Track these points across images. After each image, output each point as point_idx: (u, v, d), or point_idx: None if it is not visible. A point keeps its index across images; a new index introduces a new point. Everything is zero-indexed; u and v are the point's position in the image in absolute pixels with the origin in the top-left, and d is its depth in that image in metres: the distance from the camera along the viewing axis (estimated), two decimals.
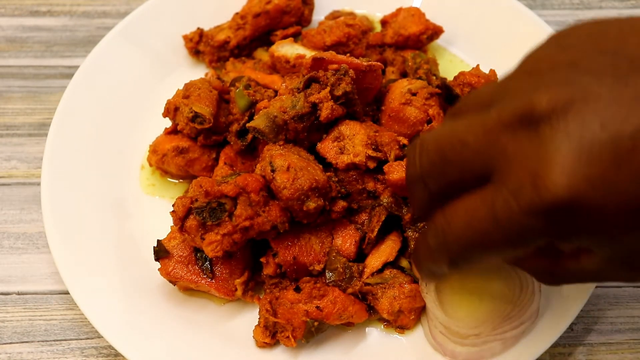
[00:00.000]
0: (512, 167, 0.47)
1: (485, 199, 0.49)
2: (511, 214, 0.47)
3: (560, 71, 0.49)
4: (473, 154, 0.51)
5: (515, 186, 0.47)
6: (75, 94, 0.94)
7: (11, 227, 0.93)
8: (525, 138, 0.47)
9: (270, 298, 0.77)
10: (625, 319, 0.84)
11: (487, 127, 0.50)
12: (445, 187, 0.53)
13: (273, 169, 0.74)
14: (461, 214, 0.51)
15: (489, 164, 0.49)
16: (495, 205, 0.48)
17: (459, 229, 0.52)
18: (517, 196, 0.47)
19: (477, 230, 0.50)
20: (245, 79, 0.90)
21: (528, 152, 0.47)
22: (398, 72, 0.96)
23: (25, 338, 0.84)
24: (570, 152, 0.45)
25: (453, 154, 0.52)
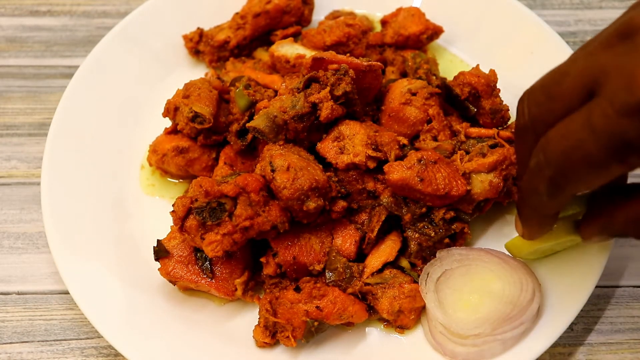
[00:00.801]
0: (610, 77, 0.48)
1: (583, 112, 0.50)
2: (606, 119, 0.48)
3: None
4: (576, 80, 0.52)
5: (610, 93, 0.48)
6: (75, 93, 0.94)
7: (11, 227, 0.93)
8: (623, 49, 0.48)
9: (270, 298, 0.77)
10: (625, 318, 0.84)
11: (586, 53, 0.51)
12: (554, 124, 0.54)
13: (273, 168, 0.74)
14: (560, 130, 0.52)
15: (590, 84, 0.50)
16: (591, 115, 0.49)
17: (558, 143, 0.52)
18: (612, 101, 0.47)
19: (575, 141, 0.50)
20: (245, 79, 0.90)
21: (625, 61, 0.48)
22: (398, 72, 0.96)
23: (25, 338, 0.84)
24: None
25: (557, 88, 0.53)
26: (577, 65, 0.52)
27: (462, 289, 0.76)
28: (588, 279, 0.77)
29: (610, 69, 0.49)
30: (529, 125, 0.56)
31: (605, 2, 1.16)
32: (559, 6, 1.16)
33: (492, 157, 0.78)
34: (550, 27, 0.98)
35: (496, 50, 1.00)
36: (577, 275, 0.78)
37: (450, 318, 0.74)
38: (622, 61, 0.48)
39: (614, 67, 0.48)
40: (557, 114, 0.53)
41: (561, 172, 0.53)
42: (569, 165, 0.52)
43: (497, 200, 0.82)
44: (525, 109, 0.57)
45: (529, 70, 0.96)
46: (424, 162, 0.76)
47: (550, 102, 0.54)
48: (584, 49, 0.53)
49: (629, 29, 0.49)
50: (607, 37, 0.50)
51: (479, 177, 0.78)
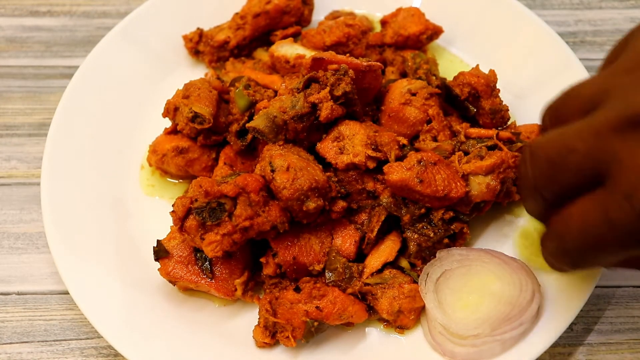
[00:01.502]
0: (624, 170, 0.48)
1: (599, 203, 0.50)
2: (625, 217, 0.48)
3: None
4: (583, 159, 0.51)
5: (628, 189, 0.47)
6: (75, 94, 0.94)
7: (11, 227, 0.93)
8: (634, 139, 0.48)
9: (270, 298, 0.77)
10: (625, 319, 0.85)
11: (595, 132, 0.50)
12: (559, 193, 0.54)
13: (273, 169, 0.74)
14: (576, 220, 0.52)
15: (600, 168, 0.50)
16: (609, 209, 0.49)
17: (576, 234, 0.53)
18: (631, 199, 0.47)
19: (593, 235, 0.51)
20: (245, 79, 0.90)
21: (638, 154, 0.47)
22: (398, 72, 0.96)
23: (25, 338, 0.84)
24: None
25: (563, 162, 0.53)
26: (585, 144, 0.51)
27: (461, 289, 0.76)
28: (588, 279, 0.77)
29: (624, 161, 0.48)
30: (534, 189, 0.57)
31: (605, 2, 1.16)
32: (559, 6, 1.16)
33: (489, 160, 0.78)
34: (550, 27, 0.98)
35: (496, 50, 1.00)
36: (577, 275, 0.78)
37: (450, 318, 0.74)
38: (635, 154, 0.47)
39: (628, 159, 0.48)
40: (564, 187, 0.54)
41: (582, 259, 0.54)
42: (589, 253, 0.53)
43: (496, 201, 0.82)
44: (529, 172, 0.56)
45: (529, 70, 0.96)
46: (423, 164, 0.76)
47: (554, 173, 0.54)
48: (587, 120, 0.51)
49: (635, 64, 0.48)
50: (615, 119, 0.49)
51: (477, 179, 0.78)
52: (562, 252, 0.55)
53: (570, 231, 0.53)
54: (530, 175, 0.56)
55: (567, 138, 0.52)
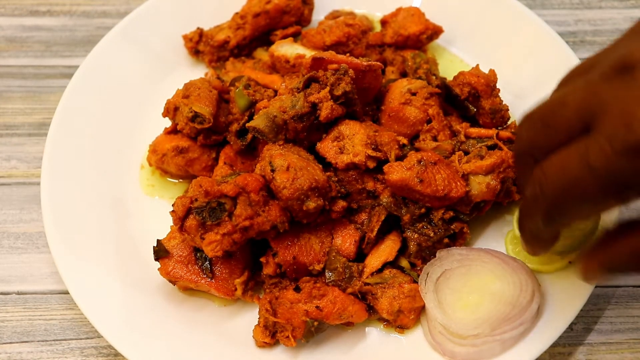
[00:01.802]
0: (608, 113, 0.48)
1: (580, 147, 0.50)
2: (605, 157, 0.47)
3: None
4: (573, 111, 0.51)
5: (609, 130, 0.47)
6: (75, 93, 0.94)
7: (11, 226, 0.93)
8: (621, 84, 0.48)
9: (270, 298, 0.77)
10: (625, 318, 0.84)
11: (586, 84, 0.50)
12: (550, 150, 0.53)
13: (273, 168, 0.74)
14: (556, 164, 0.52)
15: (587, 117, 0.50)
16: (589, 151, 0.48)
17: (554, 177, 0.52)
18: (611, 139, 0.47)
19: (571, 178, 0.50)
20: (245, 79, 0.90)
21: (623, 96, 0.47)
22: (398, 72, 0.96)
23: (25, 338, 0.84)
24: None
25: (555, 117, 0.52)
26: (575, 96, 0.51)
27: (461, 289, 0.76)
28: None
29: (609, 104, 0.48)
30: (527, 150, 0.56)
31: (605, 1, 1.16)
32: (559, 6, 1.16)
33: (489, 160, 0.78)
34: (550, 27, 0.98)
35: (496, 50, 1.00)
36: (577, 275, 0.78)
37: (450, 318, 0.74)
38: (621, 97, 0.47)
39: (613, 103, 0.48)
40: (553, 142, 0.53)
41: (557, 206, 0.53)
42: (566, 200, 0.52)
43: (496, 200, 0.82)
44: (524, 133, 0.56)
45: (529, 70, 0.96)
46: (423, 163, 0.76)
47: (547, 129, 0.53)
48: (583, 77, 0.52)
49: (628, 63, 0.48)
50: (606, 69, 0.49)
51: (477, 179, 0.78)
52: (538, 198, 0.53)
53: (549, 175, 0.52)
54: (525, 137, 0.56)
55: (560, 94, 0.53)
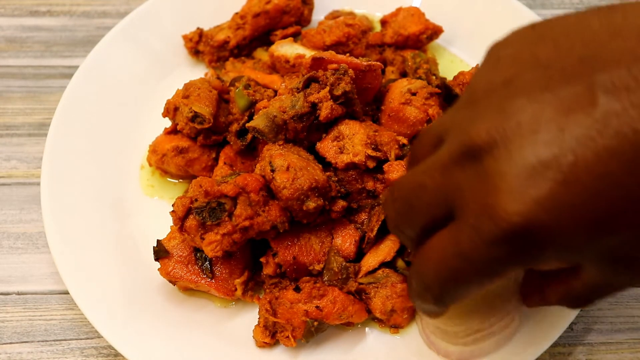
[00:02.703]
0: (468, 202, 0.48)
1: (451, 237, 0.50)
2: (476, 247, 0.47)
3: (495, 95, 0.49)
4: (433, 196, 0.51)
5: (473, 220, 0.47)
6: (75, 94, 0.94)
7: (11, 227, 0.93)
8: (473, 172, 0.48)
9: (270, 298, 0.77)
10: (625, 318, 0.85)
11: (439, 167, 0.50)
12: (419, 231, 0.54)
13: (273, 168, 0.74)
14: (432, 255, 0.52)
15: (449, 203, 0.50)
16: (460, 241, 0.49)
17: (433, 269, 0.52)
18: (478, 229, 0.47)
19: (449, 268, 0.50)
20: (244, 79, 0.90)
21: (478, 185, 0.47)
22: (398, 71, 0.96)
23: (25, 338, 0.84)
24: (514, 178, 0.45)
25: (416, 200, 0.53)
26: (434, 180, 0.51)
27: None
28: None
29: (466, 192, 0.48)
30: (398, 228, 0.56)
31: (604, 2, 1.16)
32: (559, 6, 1.16)
33: None
34: None
35: None
36: None
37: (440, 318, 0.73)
38: (477, 186, 0.47)
39: (469, 191, 0.48)
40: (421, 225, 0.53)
41: (445, 294, 0.53)
42: (453, 289, 0.52)
43: None
44: (391, 213, 0.56)
45: None
46: None
47: (411, 212, 0.54)
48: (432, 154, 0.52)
49: (473, 149, 0.47)
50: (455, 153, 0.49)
51: None
52: (424, 289, 0.54)
53: (428, 268, 0.53)
54: (392, 215, 0.56)
55: (418, 175, 0.52)
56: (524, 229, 0.45)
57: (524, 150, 0.45)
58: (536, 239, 0.45)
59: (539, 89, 0.47)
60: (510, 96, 0.48)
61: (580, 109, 0.45)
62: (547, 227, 0.45)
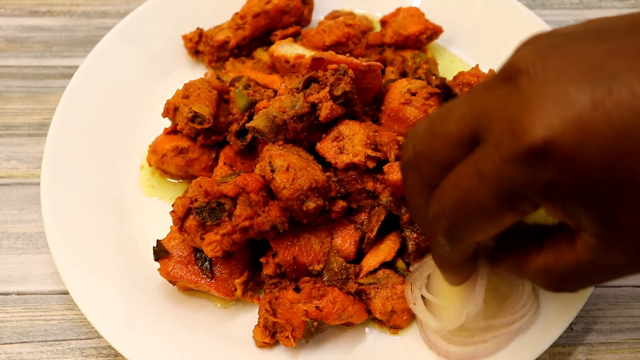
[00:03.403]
0: (494, 122, 0.48)
1: (471, 160, 0.49)
2: (494, 166, 0.47)
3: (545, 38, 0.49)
4: (458, 120, 0.51)
5: (496, 139, 0.47)
6: (75, 94, 0.94)
7: (11, 227, 0.93)
8: (505, 92, 0.48)
9: (270, 298, 0.77)
10: (625, 318, 0.85)
11: (471, 93, 0.51)
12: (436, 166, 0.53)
13: (272, 169, 0.74)
14: (452, 179, 0.51)
15: (475, 127, 0.49)
16: (479, 162, 0.48)
17: (449, 193, 0.51)
18: (499, 147, 0.47)
19: (465, 190, 0.50)
20: (244, 79, 0.90)
21: (507, 103, 0.47)
22: (397, 72, 0.96)
23: (25, 338, 0.84)
24: (546, 97, 0.45)
25: (441, 125, 0.52)
26: (462, 107, 0.51)
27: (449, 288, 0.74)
28: None
29: (493, 113, 0.48)
30: (413, 162, 0.55)
31: (605, 2, 1.16)
32: (559, 6, 1.16)
33: None
34: (550, 27, 0.98)
35: (496, 50, 0.99)
36: None
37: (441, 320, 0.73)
38: (505, 106, 0.47)
39: (497, 112, 0.47)
40: (441, 152, 0.52)
41: (455, 223, 0.52)
42: (462, 215, 0.51)
43: None
44: (410, 144, 0.55)
45: None
46: None
47: (434, 139, 0.52)
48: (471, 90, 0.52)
49: (510, 71, 0.48)
50: (490, 80, 0.49)
51: None
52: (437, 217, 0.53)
53: (445, 191, 0.52)
54: (411, 148, 0.54)
55: (448, 104, 0.52)
56: (545, 147, 0.44)
57: (561, 75, 0.45)
58: (555, 160, 0.45)
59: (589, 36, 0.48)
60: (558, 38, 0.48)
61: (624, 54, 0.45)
62: (569, 149, 0.44)
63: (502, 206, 0.49)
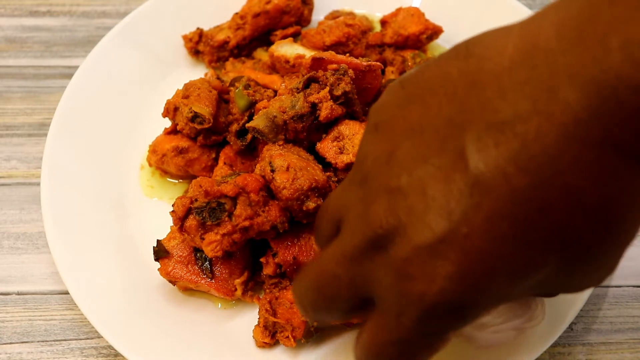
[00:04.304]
0: (385, 291, 0.49)
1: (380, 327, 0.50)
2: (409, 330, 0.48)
3: (381, 174, 0.49)
4: (349, 288, 0.52)
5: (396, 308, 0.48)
6: (75, 94, 0.94)
7: (11, 227, 0.93)
8: (382, 261, 0.48)
9: (270, 298, 0.77)
10: (625, 318, 0.85)
11: (348, 258, 0.51)
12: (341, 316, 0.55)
13: (273, 169, 0.74)
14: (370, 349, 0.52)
15: (366, 293, 0.51)
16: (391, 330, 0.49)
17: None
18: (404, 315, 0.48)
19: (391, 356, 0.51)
20: (244, 79, 0.90)
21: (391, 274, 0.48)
22: (398, 72, 0.96)
23: (25, 338, 0.84)
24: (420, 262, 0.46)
25: (331, 291, 0.53)
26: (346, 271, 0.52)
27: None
28: None
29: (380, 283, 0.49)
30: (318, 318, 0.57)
31: None
32: None
33: None
34: None
35: None
36: None
37: None
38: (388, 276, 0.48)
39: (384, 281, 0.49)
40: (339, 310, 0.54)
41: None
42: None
43: None
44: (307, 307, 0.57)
45: None
46: None
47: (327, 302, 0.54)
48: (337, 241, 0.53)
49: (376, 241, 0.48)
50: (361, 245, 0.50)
51: None
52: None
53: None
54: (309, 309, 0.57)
55: (329, 265, 0.53)
56: (446, 304, 0.46)
57: (419, 232, 0.46)
58: (461, 306, 0.46)
59: (418, 162, 0.47)
60: (394, 175, 0.48)
61: (458, 175, 0.44)
62: (466, 294, 0.46)
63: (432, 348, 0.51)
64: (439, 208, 0.45)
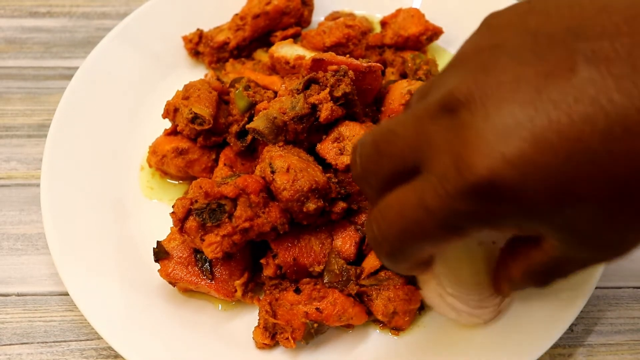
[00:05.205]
0: (437, 153, 0.48)
1: (416, 188, 0.50)
2: (440, 200, 0.48)
3: (482, 56, 0.50)
4: (403, 144, 0.51)
5: (440, 172, 0.47)
6: (75, 95, 0.94)
7: (11, 228, 0.93)
8: (448, 125, 0.48)
9: (270, 299, 0.77)
10: (626, 320, 0.84)
11: (415, 118, 0.51)
12: (383, 181, 0.54)
13: (273, 170, 0.74)
14: (394, 205, 0.52)
15: (418, 154, 0.50)
16: (424, 193, 0.49)
17: (393, 220, 0.52)
18: (443, 181, 0.47)
19: (410, 220, 0.50)
20: (244, 80, 0.90)
21: (451, 138, 0.47)
22: (398, 73, 0.96)
23: (25, 339, 0.84)
24: (487, 134, 0.45)
25: (386, 146, 0.53)
26: (407, 129, 0.51)
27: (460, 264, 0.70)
28: (588, 279, 0.77)
29: (437, 145, 0.48)
30: (362, 176, 0.56)
31: None
32: None
33: None
34: None
35: None
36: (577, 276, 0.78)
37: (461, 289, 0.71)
38: (449, 138, 0.47)
39: (441, 143, 0.48)
40: (387, 173, 0.53)
41: (400, 249, 0.53)
42: (407, 242, 0.52)
43: None
44: (357, 159, 0.56)
45: None
46: None
47: (380, 159, 0.53)
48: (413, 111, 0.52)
49: (451, 103, 0.48)
50: (433, 105, 0.49)
51: None
52: (382, 239, 0.54)
53: (386, 219, 0.52)
54: (358, 162, 0.56)
55: (393, 123, 0.53)
56: (490, 184, 0.45)
57: (500, 107, 0.46)
58: (501, 196, 0.46)
59: (524, 51, 0.48)
60: (495, 57, 0.48)
61: (560, 74, 0.45)
62: (513, 184, 0.45)
63: (447, 233, 0.50)
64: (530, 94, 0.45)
